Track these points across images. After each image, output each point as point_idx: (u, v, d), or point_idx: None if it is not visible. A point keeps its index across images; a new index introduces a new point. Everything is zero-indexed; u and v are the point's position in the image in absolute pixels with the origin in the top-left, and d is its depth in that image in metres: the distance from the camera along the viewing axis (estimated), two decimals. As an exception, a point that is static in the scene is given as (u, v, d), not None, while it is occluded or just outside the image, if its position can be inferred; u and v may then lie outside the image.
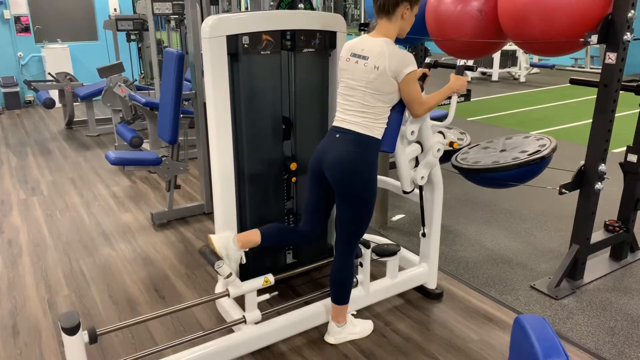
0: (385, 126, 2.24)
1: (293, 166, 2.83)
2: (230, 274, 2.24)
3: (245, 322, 2.35)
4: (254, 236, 2.33)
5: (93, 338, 1.94)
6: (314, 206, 2.42)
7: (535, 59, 10.87)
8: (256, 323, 2.38)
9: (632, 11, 2.55)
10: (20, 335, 2.61)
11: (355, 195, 2.24)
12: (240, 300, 2.78)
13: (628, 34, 2.59)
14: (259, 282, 2.35)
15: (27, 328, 2.67)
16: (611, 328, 2.63)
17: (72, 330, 1.84)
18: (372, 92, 2.17)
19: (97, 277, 3.14)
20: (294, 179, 2.89)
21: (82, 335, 1.90)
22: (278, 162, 2.82)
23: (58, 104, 6.82)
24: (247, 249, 2.32)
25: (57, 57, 7.97)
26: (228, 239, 2.27)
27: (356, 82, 2.20)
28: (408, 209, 4.13)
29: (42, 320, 2.73)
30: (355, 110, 2.22)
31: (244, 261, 2.32)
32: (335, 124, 2.30)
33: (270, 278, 2.38)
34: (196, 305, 2.65)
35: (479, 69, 10.51)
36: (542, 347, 1.10)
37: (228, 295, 2.32)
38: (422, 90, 2.46)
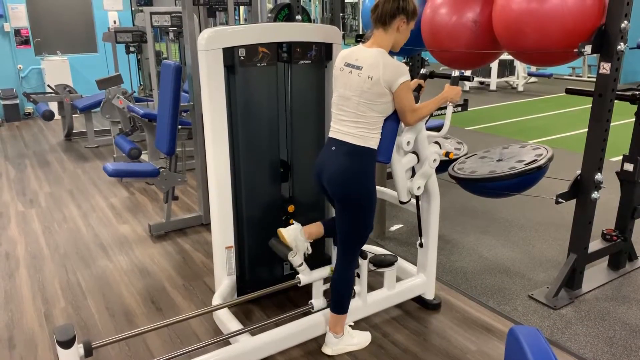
0: (380, 136, 2.25)
1: (291, 208, 2.89)
2: (302, 263, 2.43)
3: (312, 308, 2.55)
4: (319, 228, 2.50)
5: (88, 351, 1.93)
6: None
7: (533, 68, 10.93)
8: (320, 310, 2.55)
9: (626, 21, 2.57)
10: (17, 348, 2.60)
11: (354, 206, 2.25)
12: (236, 312, 2.78)
13: (622, 44, 2.61)
14: (325, 271, 2.54)
15: (23, 341, 2.66)
16: (610, 338, 2.62)
17: (67, 344, 1.83)
18: (366, 102, 2.19)
19: (94, 289, 3.14)
20: (291, 208, 2.91)
21: (77, 349, 1.89)
22: (275, 171, 2.82)
23: (57, 116, 6.85)
24: (312, 240, 2.48)
25: (57, 69, 8.01)
26: (296, 231, 2.42)
27: (350, 91, 2.22)
28: (405, 219, 4.13)
29: (38, 333, 2.72)
30: (350, 120, 2.23)
31: (310, 251, 2.46)
32: (330, 135, 2.31)
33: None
34: (193, 317, 2.64)
35: (477, 78, 10.57)
36: (536, 359, 1.10)
37: (299, 283, 2.50)
38: (418, 101, 2.47)
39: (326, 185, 2.28)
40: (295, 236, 2.42)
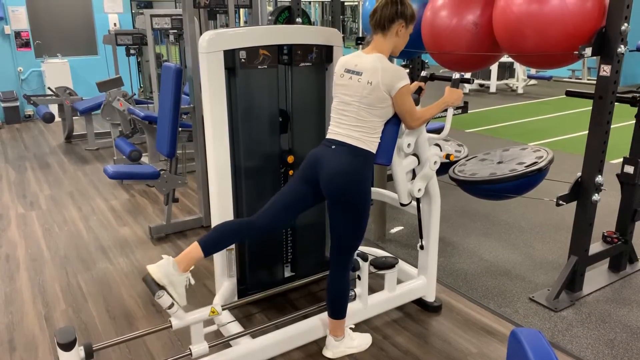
0: (380, 140, 2.25)
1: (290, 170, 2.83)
2: (172, 305, 2.04)
3: (191, 355, 2.16)
4: (195, 252, 2.13)
5: (89, 354, 1.93)
6: (288, 203, 2.30)
7: (533, 70, 10.94)
8: (202, 356, 2.20)
9: (626, 24, 2.57)
10: (17, 350, 2.60)
11: (352, 207, 2.24)
12: (238, 315, 2.77)
13: (622, 46, 2.61)
14: (204, 313, 2.17)
15: (23, 343, 2.65)
16: (611, 340, 2.62)
17: (68, 346, 1.83)
18: (366, 107, 2.19)
19: (94, 292, 3.13)
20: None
21: (78, 351, 1.89)
22: (275, 175, 2.82)
23: (57, 118, 6.85)
24: (191, 268, 2.12)
25: (57, 72, 8.01)
26: (167, 266, 2.05)
27: (350, 97, 2.22)
28: (406, 221, 4.13)
29: (38, 335, 2.72)
30: (350, 125, 2.23)
31: (193, 282, 2.13)
32: (329, 136, 2.30)
33: (217, 308, 2.22)
34: (194, 320, 2.64)
35: (477, 81, 10.57)
36: (538, 361, 1.10)
37: (171, 327, 2.12)
38: (418, 103, 2.48)
39: (323, 183, 2.23)
40: (166, 272, 2.03)
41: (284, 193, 2.33)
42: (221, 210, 2.61)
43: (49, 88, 7.07)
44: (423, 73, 2.85)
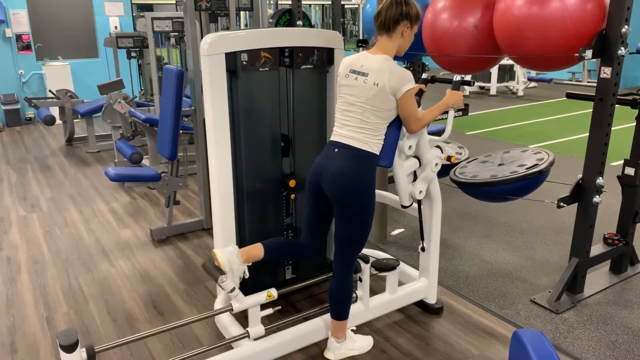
0: (383, 142, 2.25)
1: (292, 183, 2.84)
2: (234, 289, 2.26)
3: (248, 336, 2.34)
4: (258, 250, 2.35)
5: (91, 355, 1.93)
6: (314, 219, 2.44)
7: (533, 73, 10.95)
8: (258, 338, 2.38)
9: (626, 26, 2.58)
10: (19, 353, 2.60)
11: (354, 209, 2.25)
12: (239, 317, 2.77)
13: (622, 48, 2.62)
14: (261, 296, 2.35)
15: (25, 346, 2.65)
16: (612, 342, 2.62)
17: (70, 348, 1.83)
18: (371, 109, 2.19)
19: (95, 294, 3.13)
20: (292, 196, 2.90)
21: (80, 353, 1.89)
22: (277, 178, 2.83)
23: (58, 121, 6.85)
24: (250, 263, 2.33)
25: (58, 75, 8.02)
26: (232, 254, 2.27)
27: (355, 98, 2.22)
28: (407, 223, 4.13)
29: (40, 337, 2.72)
30: (354, 126, 2.24)
31: (247, 275, 2.33)
32: (333, 138, 2.31)
33: (274, 292, 2.38)
34: (195, 322, 2.64)
35: (477, 83, 10.59)
36: (541, 362, 1.10)
37: (231, 310, 2.32)
38: (419, 105, 2.48)
39: (327, 187, 2.25)
40: (230, 259, 2.25)
41: (308, 211, 2.46)
42: (223, 210, 2.61)
43: (50, 91, 7.07)
44: (424, 75, 2.86)
